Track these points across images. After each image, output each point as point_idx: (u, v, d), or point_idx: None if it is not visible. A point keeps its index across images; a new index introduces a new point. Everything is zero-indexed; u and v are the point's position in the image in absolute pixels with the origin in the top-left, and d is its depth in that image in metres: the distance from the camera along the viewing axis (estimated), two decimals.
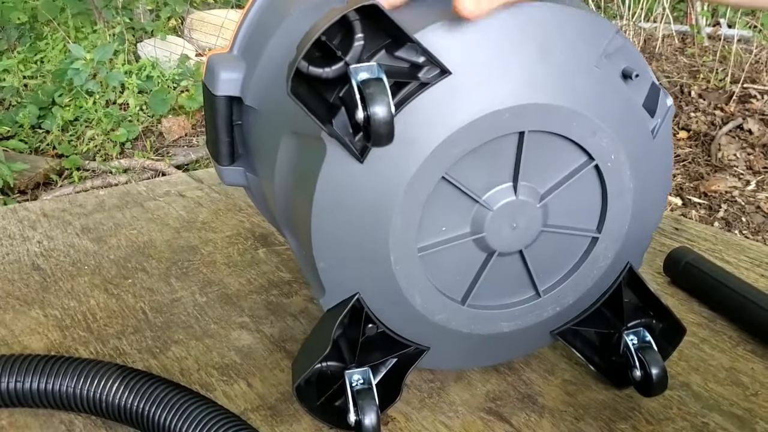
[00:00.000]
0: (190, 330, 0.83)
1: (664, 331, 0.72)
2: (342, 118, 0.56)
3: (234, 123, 0.75)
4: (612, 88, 0.62)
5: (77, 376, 0.67)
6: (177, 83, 3.67)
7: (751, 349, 0.80)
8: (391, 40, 0.56)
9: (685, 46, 4.33)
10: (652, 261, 0.97)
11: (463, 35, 0.57)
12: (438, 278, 0.66)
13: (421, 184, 0.60)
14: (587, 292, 0.71)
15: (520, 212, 0.65)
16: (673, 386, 0.73)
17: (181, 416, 0.63)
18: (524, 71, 0.59)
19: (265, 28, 0.74)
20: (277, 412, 0.70)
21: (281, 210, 0.69)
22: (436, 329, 0.68)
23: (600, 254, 0.69)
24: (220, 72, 0.73)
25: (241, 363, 0.77)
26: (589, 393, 0.73)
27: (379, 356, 0.68)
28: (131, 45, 4.03)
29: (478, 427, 0.69)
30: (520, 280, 0.69)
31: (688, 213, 2.51)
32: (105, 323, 0.84)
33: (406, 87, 0.57)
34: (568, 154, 0.64)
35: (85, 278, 0.94)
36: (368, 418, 0.63)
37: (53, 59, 3.93)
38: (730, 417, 0.70)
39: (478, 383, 0.75)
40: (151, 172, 2.93)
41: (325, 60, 0.55)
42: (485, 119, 0.59)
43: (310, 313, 0.86)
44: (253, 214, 1.12)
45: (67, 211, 1.13)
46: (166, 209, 1.14)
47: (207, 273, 0.95)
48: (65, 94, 3.46)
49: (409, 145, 0.58)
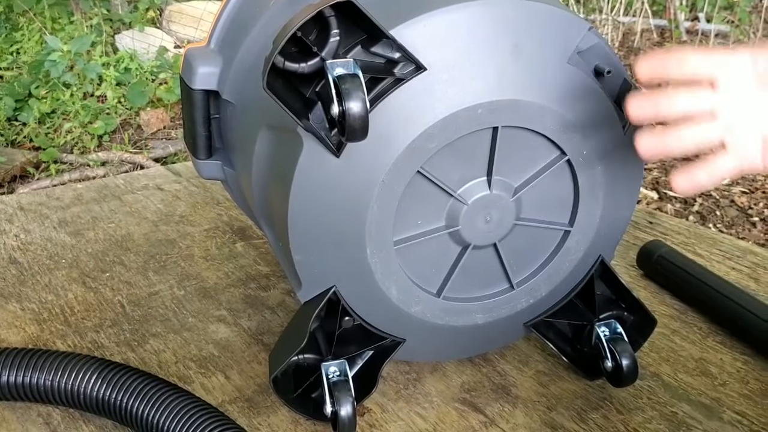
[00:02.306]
0: (168, 323, 0.83)
1: (636, 323, 0.74)
2: (318, 113, 0.57)
3: (211, 117, 0.76)
4: (584, 84, 0.63)
5: (55, 369, 0.67)
6: (155, 75, 3.64)
7: (720, 341, 0.82)
8: (367, 36, 0.57)
9: (664, 40, 4.37)
10: (626, 254, 0.99)
11: (438, 32, 0.58)
12: (414, 271, 0.67)
13: (396, 179, 0.61)
14: (560, 284, 0.72)
15: (494, 206, 0.66)
16: (643, 376, 0.75)
17: (159, 408, 0.64)
18: (497, 68, 0.60)
19: (243, 23, 0.74)
20: (254, 404, 0.71)
21: (258, 203, 0.70)
22: (411, 321, 0.69)
23: (572, 247, 0.71)
24: (198, 66, 0.73)
25: (218, 356, 0.78)
26: (562, 383, 0.75)
27: (356, 348, 0.69)
28: (109, 37, 3.99)
29: (453, 418, 0.70)
30: (494, 272, 0.70)
31: (663, 207, 2.54)
32: (83, 316, 0.84)
33: (382, 82, 0.57)
34: (540, 149, 0.65)
35: (62, 272, 0.94)
36: (344, 410, 0.63)
37: (29, 51, 3.89)
38: (698, 406, 0.72)
39: (453, 374, 0.76)
40: (130, 165, 2.92)
41: (301, 55, 0.56)
42: (459, 114, 0.60)
43: (287, 306, 0.87)
44: (231, 208, 1.12)
45: (44, 205, 1.12)
46: (144, 202, 1.14)
47: (185, 266, 0.96)
48: (42, 86, 3.42)
49: (384, 139, 0.59)
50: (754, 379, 0.76)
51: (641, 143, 0.58)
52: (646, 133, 0.58)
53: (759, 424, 0.69)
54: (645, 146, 0.58)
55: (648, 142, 0.58)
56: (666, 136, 0.58)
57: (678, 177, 0.59)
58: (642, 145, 0.58)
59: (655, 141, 0.58)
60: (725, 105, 0.57)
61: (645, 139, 0.58)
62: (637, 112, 0.57)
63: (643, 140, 0.58)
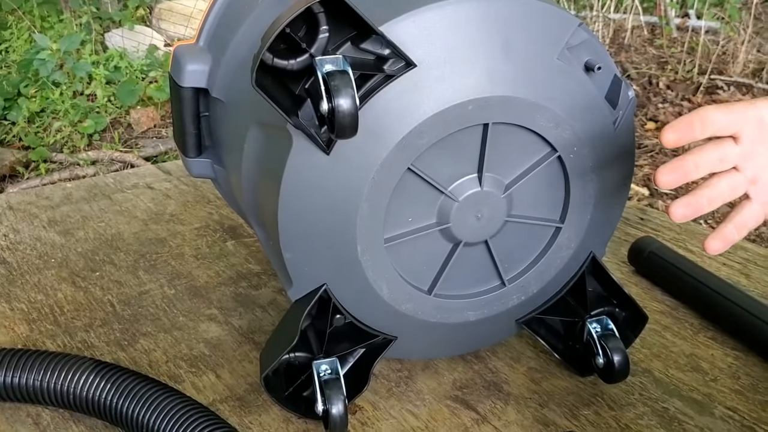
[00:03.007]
0: (158, 322, 0.83)
1: (627, 319, 0.74)
2: (308, 110, 0.57)
3: (201, 114, 0.75)
4: (574, 80, 0.63)
5: (44, 369, 0.67)
6: (145, 74, 3.63)
7: (711, 336, 0.82)
8: (357, 32, 0.57)
9: (654, 37, 4.37)
10: (617, 250, 0.99)
11: (428, 28, 0.58)
12: (405, 268, 0.67)
13: (387, 176, 0.61)
14: (551, 281, 0.72)
15: (484, 203, 0.66)
16: (635, 373, 0.75)
17: (149, 408, 0.63)
18: (488, 64, 0.60)
19: (232, 20, 0.74)
20: (245, 403, 0.71)
21: (248, 201, 0.69)
22: (403, 319, 0.69)
23: (563, 244, 0.70)
24: (187, 63, 0.72)
25: (209, 355, 0.78)
26: (554, 380, 0.75)
27: (347, 346, 0.69)
28: (98, 35, 3.97)
29: (445, 415, 0.70)
30: (486, 269, 0.70)
31: (655, 203, 2.54)
32: (72, 316, 0.84)
33: (372, 79, 0.57)
34: (531, 145, 0.65)
35: (52, 271, 0.93)
36: (336, 408, 0.63)
37: (18, 49, 3.86)
38: (689, 402, 0.72)
39: (445, 372, 0.76)
40: (120, 164, 2.90)
41: (290, 52, 0.55)
42: (450, 111, 0.60)
43: (278, 305, 0.87)
44: (221, 206, 1.11)
45: (34, 204, 1.12)
46: (134, 201, 1.13)
47: (175, 265, 0.95)
48: (31, 85, 3.40)
49: (374, 136, 0.59)
50: (746, 374, 0.76)
51: (676, 213, 0.61)
52: (680, 203, 0.61)
53: (750, 420, 0.70)
54: (681, 215, 0.61)
55: (683, 212, 0.61)
56: (698, 204, 0.61)
57: (711, 241, 0.63)
58: (677, 215, 0.61)
59: (690, 210, 0.61)
60: (748, 158, 0.60)
61: (680, 209, 0.61)
62: (666, 182, 0.60)
63: (678, 210, 0.61)
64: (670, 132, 0.59)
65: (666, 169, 0.60)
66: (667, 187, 0.61)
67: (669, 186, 0.60)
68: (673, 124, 0.59)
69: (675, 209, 0.61)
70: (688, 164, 0.60)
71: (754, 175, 0.61)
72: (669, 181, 0.60)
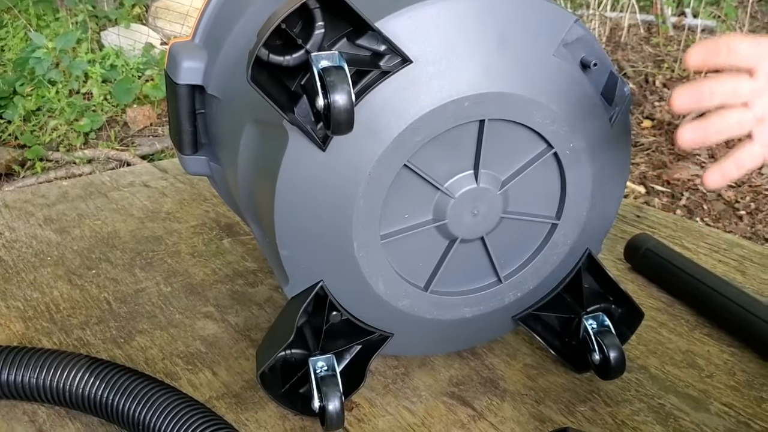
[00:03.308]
0: (154, 320, 0.83)
1: (623, 316, 0.74)
2: (304, 106, 0.57)
3: (197, 112, 0.75)
4: (570, 77, 0.63)
5: (40, 366, 0.67)
6: (142, 72, 3.62)
7: (707, 333, 0.82)
8: (353, 28, 0.57)
9: (651, 35, 4.38)
10: (613, 247, 0.99)
11: (424, 24, 0.58)
12: (401, 265, 0.67)
13: (383, 172, 0.61)
14: (547, 277, 0.72)
15: (481, 199, 0.66)
16: (631, 369, 0.75)
17: (146, 405, 0.63)
18: (484, 60, 0.60)
19: (228, 17, 0.74)
20: (241, 400, 0.71)
21: (244, 198, 0.69)
22: (399, 316, 0.69)
23: (559, 240, 0.70)
24: (182, 60, 0.72)
25: (206, 352, 0.78)
26: (550, 377, 0.75)
27: (344, 343, 0.69)
28: (94, 33, 3.96)
29: (441, 412, 0.70)
30: (482, 266, 0.70)
31: (651, 201, 2.55)
32: (68, 314, 0.84)
33: (368, 75, 0.57)
34: (527, 141, 0.65)
35: (48, 269, 0.93)
36: (332, 405, 0.63)
37: (14, 48, 3.85)
38: (685, 398, 0.72)
39: (441, 368, 0.76)
40: (116, 163, 2.90)
41: (285, 48, 0.55)
42: (446, 107, 0.60)
43: (275, 302, 0.87)
44: (218, 204, 1.11)
45: (30, 202, 1.11)
46: (130, 199, 1.13)
47: (172, 263, 0.95)
48: (27, 84, 3.39)
49: (371, 133, 0.59)
50: (741, 370, 0.76)
51: (684, 138, 0.60)
52: (688, 127, 0.60)
53: (746, 416, 0.70)
54: (688, 140, 0.60)
55: (691, 136, 0.60)
56: (706, 131, 0.60)
57: (710, 174, 0.62)
58: (685, 139, 0.60)
59: (699, 135, 0.60)
60: (759, 95, 0.59)
61: (688, 132, 0.60)
62: (680, 102, 0.59)
63: (686, 134, 0.60)
64: (697, 52, 0.58)
65: (683, 90, 0.59)
66: (681, 109, 0.59)
67: (683, 108, 0.59)
68: (700, 45, 0.58)
69: (684, 132, 0.60)
70: (704, 89, 0.59)
71: (762, 113, 0.60)
72: (684, 102, 0.58)
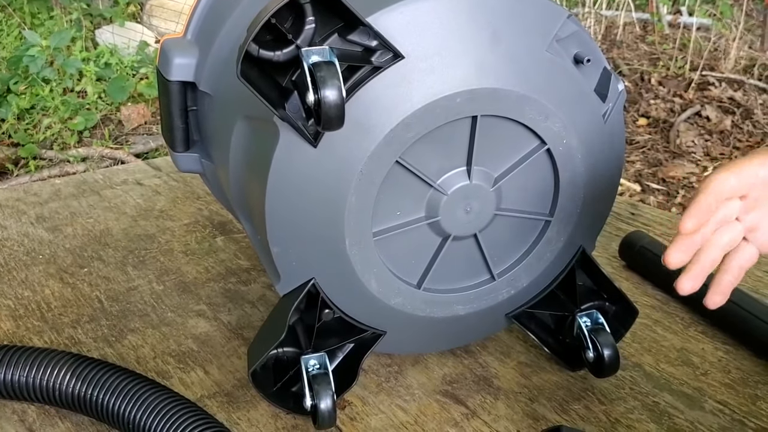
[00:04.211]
0: (146, 318, 0.82)
1: (617, 314, 0.74)
2: (294, 102, 0.56)
3: (188, 109, 0.74)
4: (563, 72, 0.63)
5: (30, 365, 0.66)
6: (136, 70, 3.61)
7: (702, 330, 0.82)
8: (344, 23, 0.56)
9: (646, 33, 4.38)
10: (608, 245, 0.99)
11: (415, 20, 0.58)
12: (393, 262, 0.66)
13: (375, 169, 0.60)
14: (541, 274, 0.72)
15: (474, 196, 0.65)
16: (625, 367, 0.75)
17: (136, 404, 0.63)
18: (476, 56, 0.60)
19: (220, 13, 0.73)
20: (233, 399, 0.70)
21: (236, 195, 0.69)
22: (392, 313, 0.68)
23: (553, 237, 0.70)
24: (174, 57, 0.72)
25: (198, 350, 0.77)
26: (544, 375, 0.74)
27: (336, 341, 0.68)
28: (89, 31, 3.95)
29: (434, 410, 0.69)
30: (475, 263, 0.70)
31: (646, 199, 2.55)
32: (60, 312, 0.83)
33: (359, 71, 0.57)
34: (520, 138, 0.65)
35: (39, 267, 0.92)
36: (324, 403, 0.63)
37: (8, 46, 3.84)
38: (680, 396, 0.72)
39: (435, 367, 0.75)
40: (110, 161, 2.89)
41: (276, 43, 0.55)
42: (438, 103, 0.59)
43: (268, 301, 0.86)
44: (211, 202, 1.11)
45: (22, 200, 1.11)
46: (123, 197, 1.12)
47: (164, 261, 0.94)
48: (21, 82, 3.38)
49: (362, 129, 0.58)
50: (736, 368, 0.76)
51: (685, 287, 0.61)
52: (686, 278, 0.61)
53: (740, 413, 0.69)
54: (690, 288, 0.61)
55: (692, 285, 0.61)
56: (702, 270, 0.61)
57: (712, 297, 0.63)
58: (686, 289, 0.61)
59: (698, 281, 0.61)
60: (749, 210, 0.60)
61: (688, 283, 0.61)
62: (675, 261, 0.60)
63: (686, 285, 0.61)
64: (690, 221, 0.58)
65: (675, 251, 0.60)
66: (675, 267, 0.60)
67: (677, 265, 0.60)
68: (691, 211, 0.58)
69: (683, 284, 0.61)
70: (696, 239, 0.60)
71: (753, 224, 0.61)
72: (678, 261, 0.60)
